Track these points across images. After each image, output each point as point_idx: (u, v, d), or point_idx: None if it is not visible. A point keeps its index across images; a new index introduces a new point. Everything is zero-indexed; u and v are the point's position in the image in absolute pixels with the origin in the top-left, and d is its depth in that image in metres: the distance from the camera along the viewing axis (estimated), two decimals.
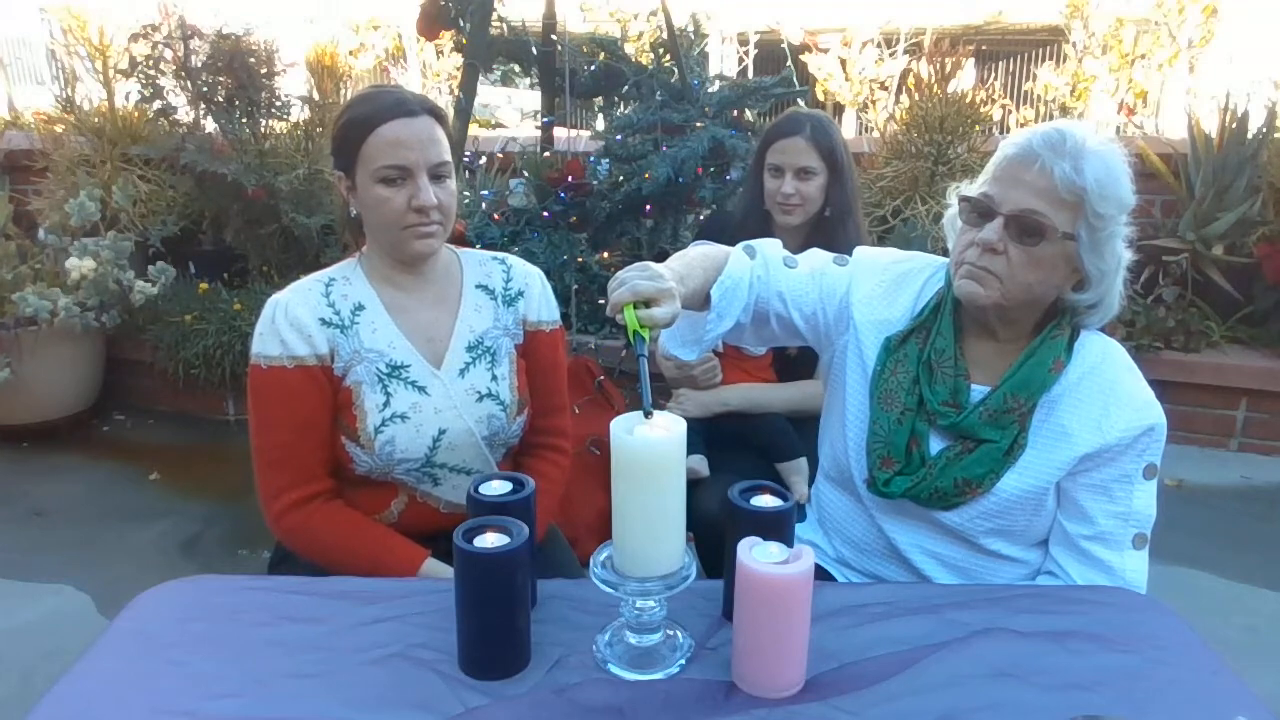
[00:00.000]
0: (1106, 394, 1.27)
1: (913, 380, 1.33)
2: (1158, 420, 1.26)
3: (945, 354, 1.31)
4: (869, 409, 1.36)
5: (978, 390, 1.31)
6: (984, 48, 8.25)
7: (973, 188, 1.27)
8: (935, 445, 1.32)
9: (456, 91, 3.50)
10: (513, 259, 1.61)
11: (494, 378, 1.51)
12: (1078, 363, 1.29)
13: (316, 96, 4.00)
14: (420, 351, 1.47)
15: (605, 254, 3.46)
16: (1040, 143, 1.18)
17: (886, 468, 1.33)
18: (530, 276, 1.59)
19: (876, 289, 1.41)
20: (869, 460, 1.35)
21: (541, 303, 1.59)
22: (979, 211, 1.24)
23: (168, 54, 3.69)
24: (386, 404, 1.42)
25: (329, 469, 1.46)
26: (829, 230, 2.06)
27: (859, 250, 1.48)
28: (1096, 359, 1.30)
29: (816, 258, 1.47)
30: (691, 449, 1.86)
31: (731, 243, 2.20)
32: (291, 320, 1.41)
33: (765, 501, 1.08)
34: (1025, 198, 1.19)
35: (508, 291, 1.56)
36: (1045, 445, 1.28)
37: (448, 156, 1.42)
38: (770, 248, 1.45)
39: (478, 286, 1.55)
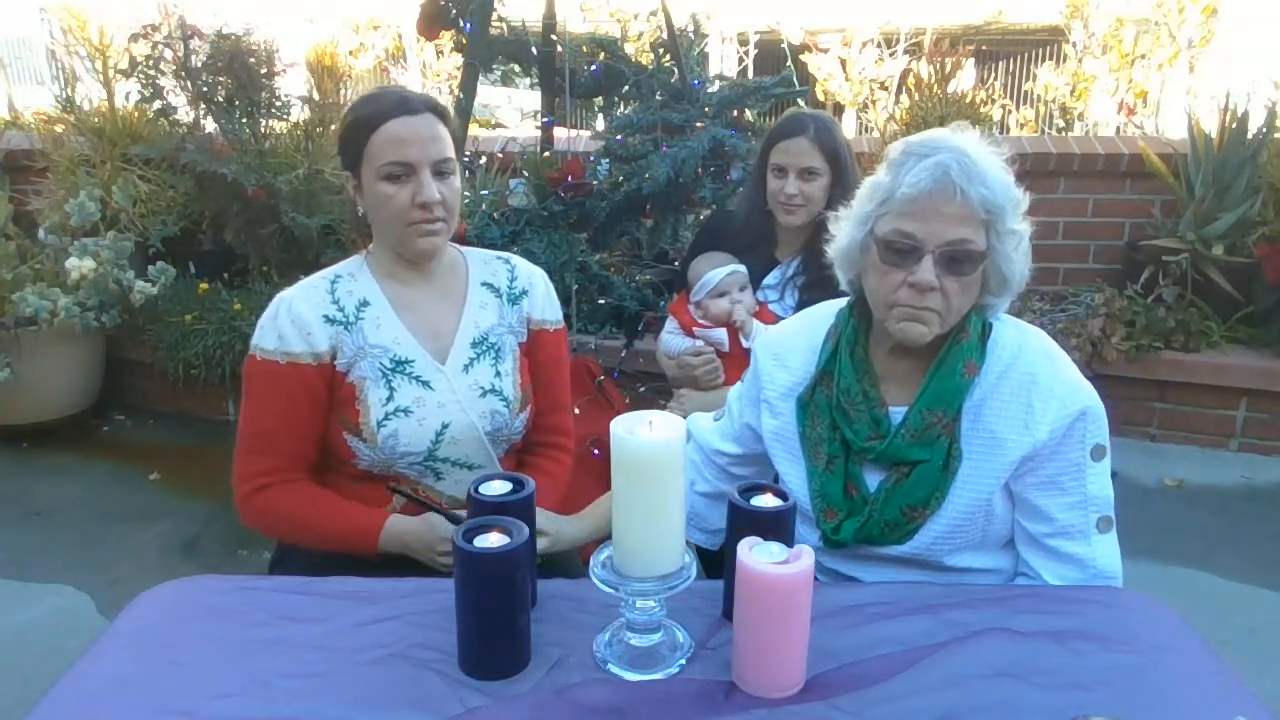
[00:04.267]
0: (1028, 389, 1.25)
1: (830, 427, 1.32)
2: (1088, 403, 1.24)
3: (852, 393, 1.30)
4: (805, 468, 1.36)
5: (897, 412, 1.29)
6: (984, 48, 8.24)
7: (879, 226, 1.23)
8: (873, 481, 1.31)
9: (456, 91, 3.50)
10: (517, 259, 1.63)
11: (498, 374, 1.52)
12: (993, 362, 1.27)
13: (316, 96, 4.00)
14: (425, 347, 1.48)
15: (605, 254, 3.46)
16: (957, 172, 1.16)
17: (831, 518, 1.32)
18: (534, 276, 1.61)
19: (775, 362, 1.42)
20: (816, 516, 1.34)
21: (545, 302, 1.61)
22: (900, 251, 1.21)
23: (168, 54, 3.68)
24: (390, 398, 1.43)
25: (308, 465, 1.48)
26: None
27: (756, 340, 1.52)
28: (1011, 354, 1.28)
29: (732, 391, 1.53)
30: None
31: (734, 243, 2.20)
32: (294, 317, 1.43)
33: (765, 501, 1.08)
34: (950, 229, 1.18)
35: (512, 290, 1.58)
36: (979, 454, 1.26)
37: (451, 153, 1.44)
38: (697, 422, 1.55)
39: (483, 284, 1.57)
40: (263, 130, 3.82)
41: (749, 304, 2.10)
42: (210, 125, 3.86)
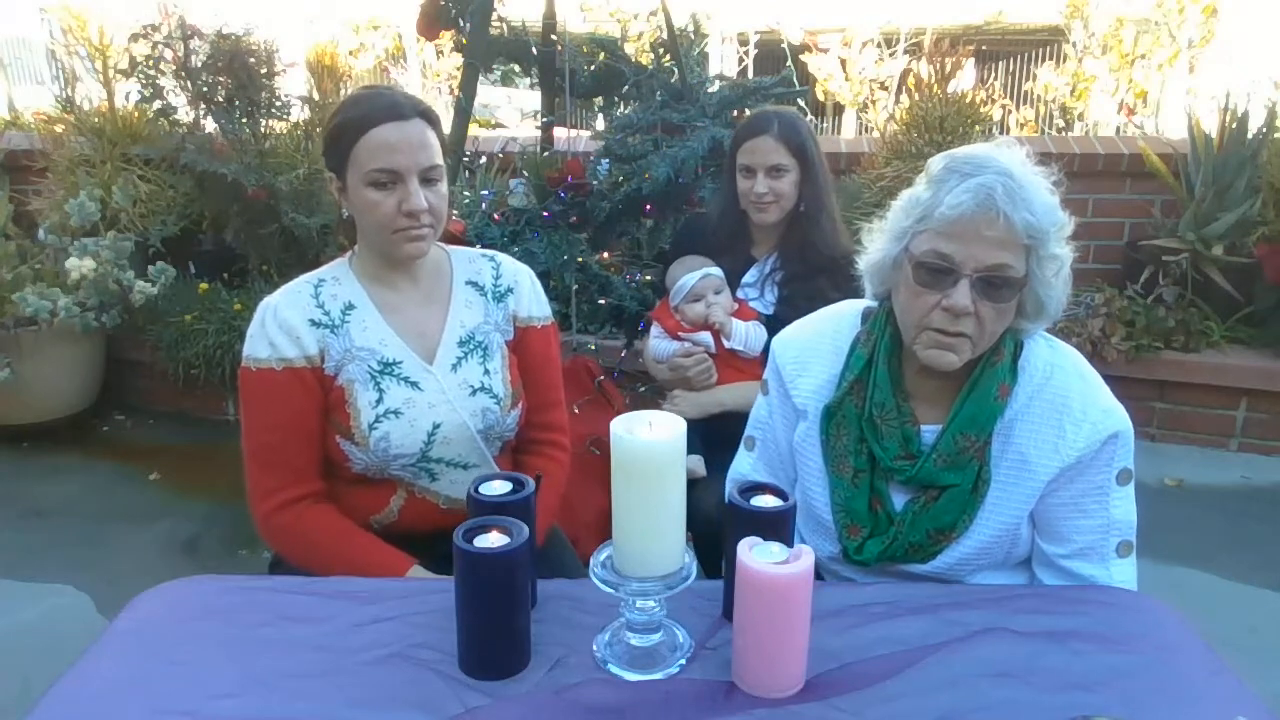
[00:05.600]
0: (1060, 411, 1.22)
1: (858, 440, 1.29)
2: (1120, 426, 1.22)
3: (886, 407, 1.27)
4: (827, 479, 1.33)
5: (928, 431, 1.27)
6: (984, 48, 8.23)
7: (915, 244, 1.19)
8: (899, 500, 1.29)
9: (456, 91, 3.50)
10: (502, 256, 1.62)
11: (487, 371, 1.51)
12: (1025, 382, 1.25)
13: (316, 96, 4.00)
14: (412, 348, 1.48)
15: (605, 254, 3.46)
16: (1001, 195, 1.12)
17: (855, 535, 1.29)
18: (519, 273, 1.60)
19: (796, 367, 1.39)
20: (838, 531, 1.31)
21: (532, 299, 1.60)
22: (936, 272, 1.17)
23: (168, 54, 3.68)
24: (380, 400, 1.43)
25: (319, 471, 1.47)
26: (805, 226, 2.06)
27: (773, 343, 1.47)
28: (1043, 375, 1.25)
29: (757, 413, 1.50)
30: (689, 449, 1.86)
31: (710, 245, 2.20)
32: (280, 323, 1.42)
33: (765, 501, 1.08)
34: (990, 253, 1.14)
35: (497, 288, 1.57)
36: (1008, 477, 1.24)
37: (439, 160, 1.42)
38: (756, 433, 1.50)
39: (467, 283, 1.56)
40: (263, 130, 3.82)
41: (726, 305, 2.10)
42: (210, 125, 3.86)
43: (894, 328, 1.28)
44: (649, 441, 0.95)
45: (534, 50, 3.58)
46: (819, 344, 1.38)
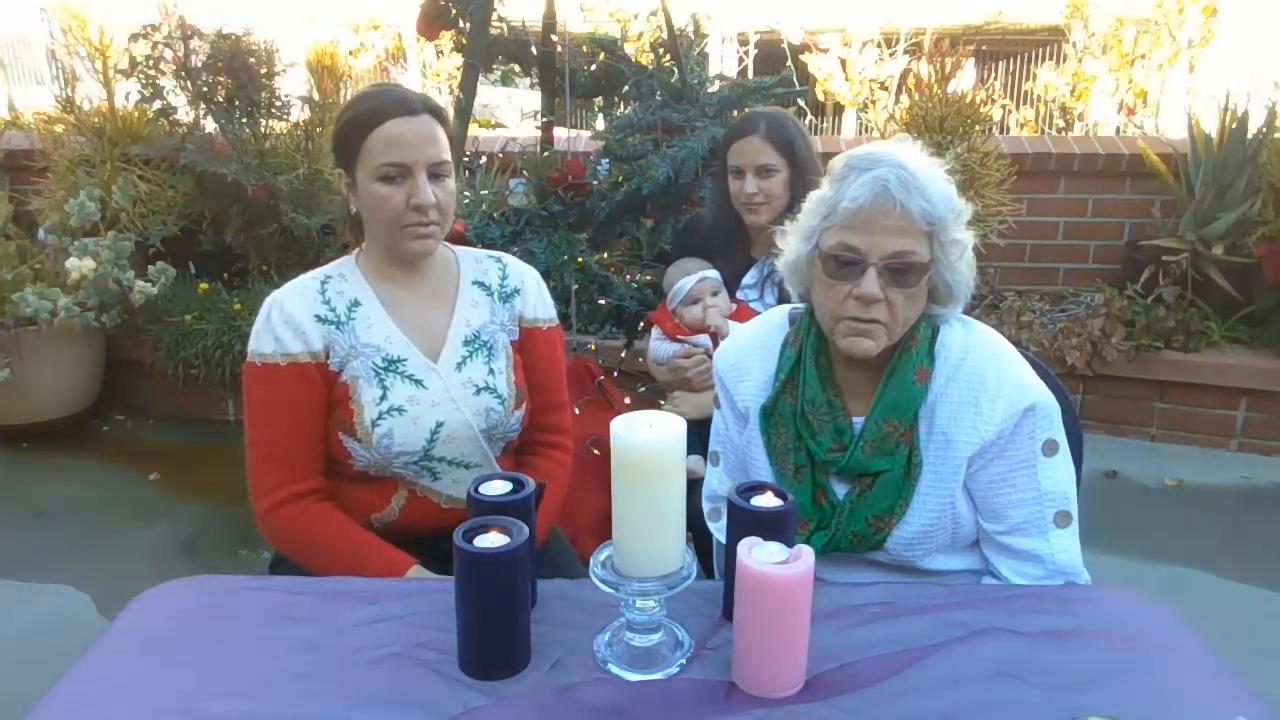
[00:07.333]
0: (976, 389, 1.26)
1: (795, 436, 1.33)
2: (1038, 399, 1.25)
3: (817, 402, 1.31)
4: (773, 477, 1.36)
5: (859, 422, 1.31)
6: (984, 48, 8.22)
7: (823, 240, 1.25)
8: (841, 491, 1.32)
9: (456, 91, 3.50)
10: (509, 258, 1.63)
11: (491, 371, 1.52)
12: (942, 365, 1.29)
13: (316, 96, 4.00)
14: (417, 345, 1.48)
15: (605, 254, 3.46)
16: (895, 185, 1.18)
17: (802, 529, 1.32)
18: (526, 274, 1.61)
19: (735, 374, 1.43)
20: None
21: (538, 301, 1.60)
22: (844, 264, 1.23)
23: (168, 54, 3.68)
24: (383, 397, 1.43)
25: (321, 468, 1.47)
26: None
27: (715, 356, 1.51)
28: (959, 356, 1.29)
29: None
30: (689, 449, 1.86)
31: (707, 247, 2.20)
32: (286, 318, 1.42)
33: (765, 501, 1.08)
34: (892, 241, 1.20)
35: (504, 288, 1.58)
36: (936, 458, 1.28)
37: (447, 156, 1.43)
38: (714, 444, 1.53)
39: (474, 283, 1.57)
40: (263, 130, 3.82)
41: (723, 308, 2.10)
42: (210, 125, 3.86)
43: (819, 325, 1.33)
44: (649, 441, 0.96)
45: (534, 50, 3.58)
46: (753, 349, 1.42)
